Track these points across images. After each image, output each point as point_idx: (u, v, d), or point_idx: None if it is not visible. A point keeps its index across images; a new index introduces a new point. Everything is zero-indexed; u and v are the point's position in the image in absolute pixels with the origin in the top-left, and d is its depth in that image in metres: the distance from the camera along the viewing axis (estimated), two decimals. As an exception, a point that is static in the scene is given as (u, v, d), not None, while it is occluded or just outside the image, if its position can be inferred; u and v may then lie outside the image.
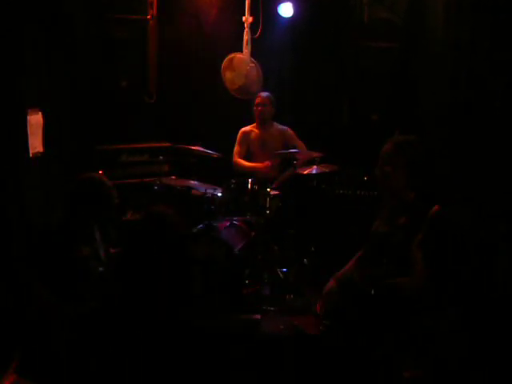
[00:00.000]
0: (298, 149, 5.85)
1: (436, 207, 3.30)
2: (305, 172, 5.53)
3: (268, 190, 5.32)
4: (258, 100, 6.08)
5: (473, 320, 3.49)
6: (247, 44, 6.32)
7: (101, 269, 3.76)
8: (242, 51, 6.36)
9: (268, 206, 5.32)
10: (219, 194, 5.29)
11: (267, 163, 5.93)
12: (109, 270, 3.80)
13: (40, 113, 4.81)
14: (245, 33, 6.32)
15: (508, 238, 3.89)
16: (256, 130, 6.16)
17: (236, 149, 6.17)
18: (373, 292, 3.29)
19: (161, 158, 5.89)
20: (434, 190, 4.05)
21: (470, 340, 3.26)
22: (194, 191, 5.38)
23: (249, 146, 6.20)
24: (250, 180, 5.35)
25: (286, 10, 6.40)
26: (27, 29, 4.60)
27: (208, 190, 5.25)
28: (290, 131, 6.15)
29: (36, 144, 4.75)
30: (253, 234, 5.23)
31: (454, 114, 5.00)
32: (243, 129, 6.22)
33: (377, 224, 3.69)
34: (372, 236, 3.65)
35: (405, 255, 3.28)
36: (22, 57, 4.53)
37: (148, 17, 6.09)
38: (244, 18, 6.32)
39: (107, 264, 3.84)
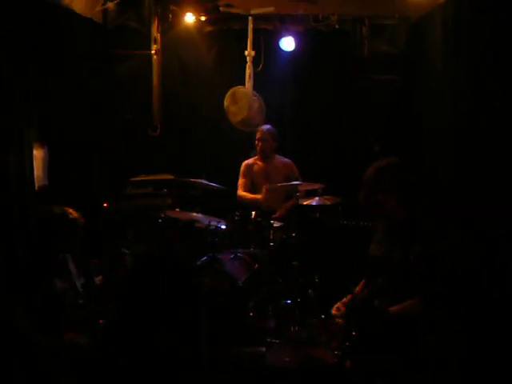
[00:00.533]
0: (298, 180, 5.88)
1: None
2: (307, 203, 5.54)
3: (271, 221, 5.34)
4: (258, 135, 6.12)
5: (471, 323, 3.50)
6: (249, 77, 6.40)
7: (80, 301, 3.75)
8: (244, 84, 6.43)
9: (272, 237, 5.34)
10: (223, 227, 5.30)
11: (265, 188, 5.92)
12: (91, 301, 3.80)
13: (45, 147, 4.86)
14: (247, 66, 6.41)
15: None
16: (259, 163, 6.20)
17: (240, 181, 6.21)
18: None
19: (164, 190, 5.91)
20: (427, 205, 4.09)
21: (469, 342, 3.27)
22: (197, 224, 5.40)
23: (253, 179, 6.23)
24: (253, 212, 5.37)
25: (287, 44, 6.49)
26: (30, 67, 4.66)
27: (212, 223, 5.26)
28: (292, 165, 6.18)
29: (41, 177, 4.80)
30: (257, 266, 5.22)
31: (456, 145, 5.03)
32: (246, 161, 6.26)
33: (372, 248, 3.71)
34: (369, 260, 3.68)
35: (403, 275, 3.31)
36: (27, 91, 4.58)
37: (152, 51, 6.15)
38: (246, 52, 6.41)
39: (88, 295, 3.83)
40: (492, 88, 4.28)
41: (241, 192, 6.18)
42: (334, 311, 3.76)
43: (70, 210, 3.86)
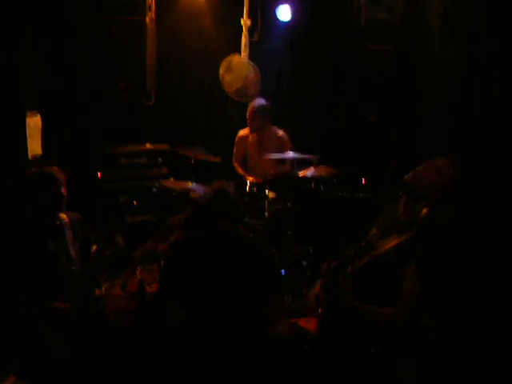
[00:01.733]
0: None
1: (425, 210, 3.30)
2: (302, 174, 5.53)
3: (266, 192, 5.34)
4: (248, 111, 6.00)
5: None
6: (245, 47, 6.35)
7: (73, 267, 3.76)
8: (240, 54, 6.37)
9: (266, 208, 5.35)
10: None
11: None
12: (86, 269, 3.81)
13: (38, 115, 4.83)
14: (243, 35, 6.35)
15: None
16: (254, 135, 6.16)
17: (234, 152, 6.19)
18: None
19: (159, 160, 5.90)
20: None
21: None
22: (192, 193, 5.39)
23: (245, 149, 6.20)
24: (248, 182, 5.36)
25: (283, 13, 6.43)
26: (26, 31, 4.63)
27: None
28: (285, 136, 6.08)
29: (35, 147, 4.78)
30: (251, 235, 5.23)
31: (453, 114, 5.01)
32: (240, 132, 6.21)
33: (372, 232, 3.68)
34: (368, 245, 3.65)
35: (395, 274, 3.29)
36: (20, 59, 4.55)
37: (146, 19, 6.08)
38: (242, 21, 6.34)
39: (81, 262, 3.84)
40: (490, 58, 4.26)
41: (234, 163, 6.17)
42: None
43: (48, 168, 3.82)
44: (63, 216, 3.85)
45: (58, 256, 3.69)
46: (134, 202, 5.68)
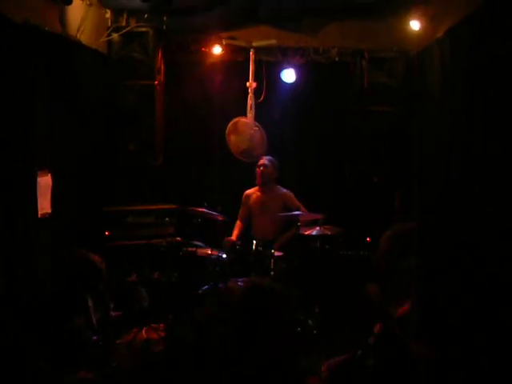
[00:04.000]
0: (299, 211, 5.94)
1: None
2: (308, 233, 5.59)
3: (272, 251, 5.39)
4: (259, 162, 6.20)
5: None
6: (251, 108, 6.48)
7: (94, 337, 3.79)
8: (246, 115, 6.51)
9: (272, 266, 5.38)
10: (224, 256, 5.34)
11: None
12: (102, 336, 3.84)
13: (49, 174, 4.91)
14: (249, 98, 6.50)
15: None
16: (258, 193, 6.26)
17: (240, 210, 6.29)
18: None
19: (166, 219, 5.95)
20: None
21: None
22: (199, 253, 5.44)
23: (250, 208, 6.29)
24: (254, 241, 5.42)
25: (288, 76, 6.58)
26: (38, 95, 4.74)
27: (213, 252, 5.30)
28: (290, 194, 6.23)
29: (44, 205, 4.84)
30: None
31: (452, 175, 5.08)
32: (247, 191, 6.34)
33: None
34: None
35: None
36: (33, 121, 4.65)
37: (155, 82, 6.23)
38: (248, 84, 6.50)
39: (101, 331, 3.87)
40: (489, 122, 4.35)
41: (237, 221, 6.27)
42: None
43: (96, 257, 3.94)
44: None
45: (83, 330, 3.72)
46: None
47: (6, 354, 3.58)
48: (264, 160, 6.19)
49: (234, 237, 6.15)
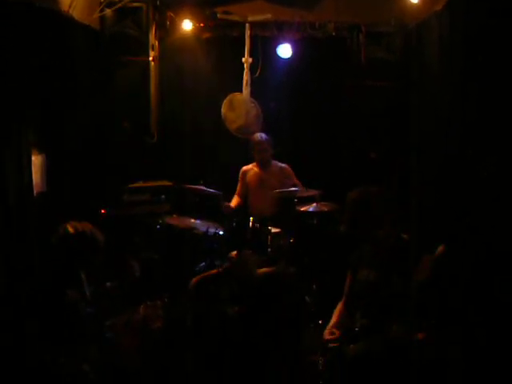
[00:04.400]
0: (296, 187, 5.91)
1: (441, 248, 3.35)
2: (304, 210, 5.57)
3: (269, 228, 5.36)
4: (257, 146, 6.12)
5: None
6: (247, 84, 6.41)
7: (89, 309, 3.77)
8: (241, 91, 6.44)
9: (269, 243, 5.36)
10: (221, 233, 5.32)
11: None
12: (100, 307, 3.83)
13: (43, 153, 4.88)
14: (244, 73, 6.42)
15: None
16: (256, 169, 6.23)
17: (237, 186, 6.26)
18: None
19: (162, 197, 5.92)
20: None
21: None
22: (195, 230, 5.42)
23: (247, 184, 6.26)
24: (251, 218, 5.39)
25: (284, 51, 6.52)
26: (30, 72, 4.69)
27: (210, 229, 5.28)
28: (289, 169, 6.20)
29: (39, 183, 4.81)
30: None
31: (450, 150, 5.06)
32: (244, 167, 6.30)
33: (362, 273, 3.72)
34: (357, 285, 3.69)
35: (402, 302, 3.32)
36: (24, 100, 4.60)
37: (150, 58, 6.16)
38: (244, 59, 6.42)
39: (95, 302, 3.86)
40: (486, 95, 4.32)
41: (234, 196, 6.25)
42: (327, 336, 3.78)
43: (91, 228, 3.88)
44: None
45: (78, 303, 3.71)
46: None
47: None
48: (262, 142, 6.10)
49: (232, 204, 6.11)
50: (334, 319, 3.89)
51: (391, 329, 3.40)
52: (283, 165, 6.22)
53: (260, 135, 6.14)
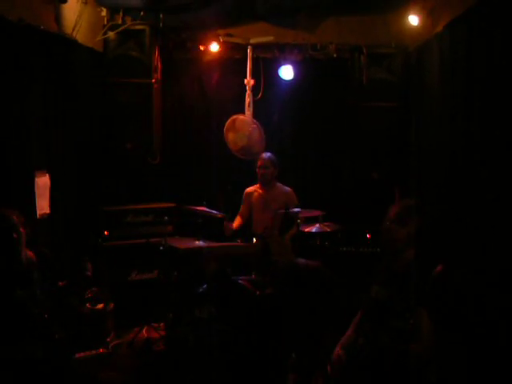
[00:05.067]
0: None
1: (439, 267, 3.34)
2: (308, 230, 5.56)
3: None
4: (259, 162, 6.13)
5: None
6: (249, 106, 6.44)
7: (38, 310, 3.78)
8: (244, 113, 6.47)
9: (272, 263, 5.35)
10: (224, 253, 5.32)
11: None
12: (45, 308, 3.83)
13: (47, 175, 4.90)
14: (247, 95, 6.45)
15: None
16: (259, 191, 6.22)
17: (241, 208, 6.27)
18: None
19: (165, 218, 5.93)
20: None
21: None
22: (198, 251, 5.41)
23: (251, 206, 6.26)
24: (254, 239, 5.39)
25: (286, 73, 6.56)
26: (34, 95, 4.73)
27: (213, 250, 5.28)
28: (292, 194, 6.18)
29: (43, 205, 4.83)
30: (258, 292, 5.23)
31: (452, 170, 5.07)
32: (247, 189, 6.29)
33: (375, 290, 3.71)
34: (371, 302, 3.67)
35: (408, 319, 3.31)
36: (29, 121, 4.64)
37: (153, 80, 6.20)
38: (246, 81, 6.46)
39: (45, 302, 3.86)
40: (487, 117, 4.34)
41: (237, 216, 6.26)
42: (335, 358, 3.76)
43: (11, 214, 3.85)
44: (30, 255, 3.89)
45: (26, 302, 3.71)
46: None
47: None
48: (263, 161, 6.12)
49: (234, 225, 6.10)
50: (346, 334, 3.84)
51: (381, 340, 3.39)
52: (287, 188, 6.21)
53: (265, 153, 6.16)
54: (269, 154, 6.13)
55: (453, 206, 5.01)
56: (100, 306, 5.30)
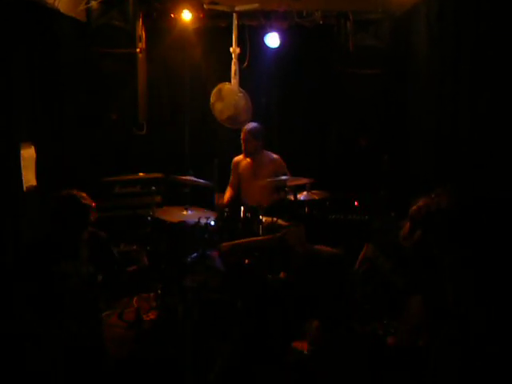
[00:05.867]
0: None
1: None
2: (296, 198, 5.57)
3: (260, 217, 5.36)
4: (241, 135, 6.11)
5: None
6: (235, 74, 6.38)
7: (83, 288, 3.79)
8: (230, 81, 6.42)
9: (261, 233, 5.36)
10: (212, 223, 5.31)
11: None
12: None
13: (32, 147, 4.85)
14: (232, 63, 6.38)
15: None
16: (247, 159, 6.21)
17: (230, 177, 6.26)
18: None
19: (153, 188, 5.90)
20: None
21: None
22: (186, 220, 5.41)
23: (239, 175, 6.25)
24: (242, 208, 5.39)
25: (272, 40, 6.49)
26: (17, 65, 4.66)
27: (201, 219, 5.27)
28: (280, 160, 6.18)
29: (29, 178, 4.79)
30: (246, 261, 5.25)
31: (440, 136, 5.08)
32: (235, 158, 6.29)
33: (381, 260, 3.73)
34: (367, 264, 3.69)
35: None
36: (11, 93, 4.58)
37: (137, 50, 6.12)
38: (231, 49, 6.39)
39: (90, 282, 3.88)
40: (476, 82, 4.33)
41: (228, 188, 6.24)
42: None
43: (83, 194, 3.92)
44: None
45: (69, 276, 3.72)
46: None
47: None
48: (245, 133, 6.07)
49: (225, 200, 6.11)
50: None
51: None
52: (275, 156, 6.20)
53: (248, 125, 6.11)
54: (250, 126, 6.07)
55: (439, 174, 5.02)
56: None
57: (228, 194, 6.24)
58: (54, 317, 3.55)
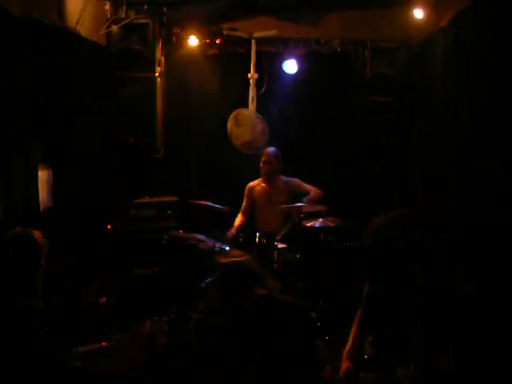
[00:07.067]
0: (310, 193, 5.97)
1: None
2: (311, 225, 5.56)
3: (275, 243, 5.36)
4: (263, 158, 6.13)
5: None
6: (253, 100, 6.42)
7: (36, 323, 3.76)
8: (247, 107, 6.46)
9: (275, 259, 5.35)
10: (227, 248, 5.31)
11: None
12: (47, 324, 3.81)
13: (49, 169, 4.89)
14: (250, 89, 6.43)
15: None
16: (262, 184, 6.22)
17: (243, 203, 6.25)
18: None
19: (169, 212, 5.92)
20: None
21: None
22: (202, 245, 5.41)
23: (254, 200, 6.25)
24: (257, 234, 5.39)
25: (290, 67, 6.56)
26: (38, 88, 4.71)
27: (216, 244, 5.28)
28: (295, 181, 6.19)
29: (46, 199, 4.83)
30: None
31: (454, 166, 5.06)
32: (250, 183, 6.29)
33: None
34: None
35: None
36: (33, 115, 4.63)
37: (156, 74, 6.18)
38: (249, 75, 6.43)
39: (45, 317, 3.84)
40: (490, 112, 4.32)
41: (239, 213, 6.24)
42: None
43: (34, 232, 3.86)
44: None
45: (26, 312, 3.69)
46: None
47: None
48: (268, 155, 6.11)
49: (235, 227, 6.10)
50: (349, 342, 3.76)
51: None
52: (290, 178, 6.21)
53: (269, 148, 6.15)
54: (273, 149, 6.13)
55: (454, 200, 5.00)
56: (103, 299, 5.30)
57: (238, 220, 6.23)
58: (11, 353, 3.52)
